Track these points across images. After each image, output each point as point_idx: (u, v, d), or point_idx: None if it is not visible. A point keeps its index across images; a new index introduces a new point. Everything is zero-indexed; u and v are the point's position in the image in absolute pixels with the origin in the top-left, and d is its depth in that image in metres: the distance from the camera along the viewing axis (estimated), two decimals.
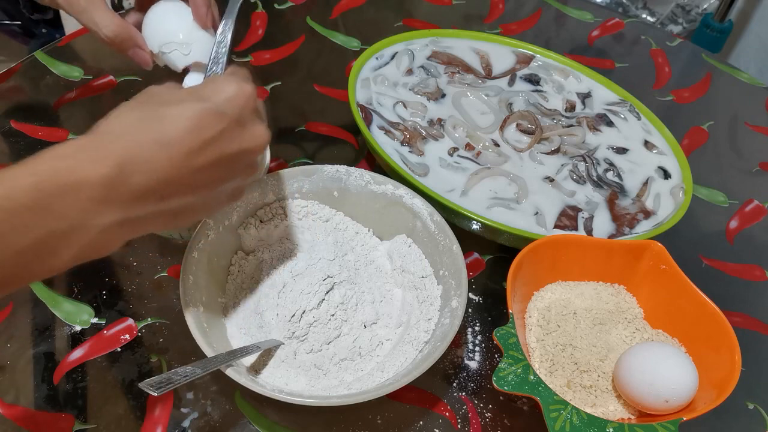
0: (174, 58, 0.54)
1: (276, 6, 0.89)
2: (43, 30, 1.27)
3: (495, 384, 0.45)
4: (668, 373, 0.47)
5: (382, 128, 0.67)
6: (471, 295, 0.60)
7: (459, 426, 0.51)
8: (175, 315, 0.55)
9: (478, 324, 0.58)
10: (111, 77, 0.75)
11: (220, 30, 0.52)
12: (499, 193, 0.63)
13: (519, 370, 0.46)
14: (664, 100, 0.84)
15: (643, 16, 1.59)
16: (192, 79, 0.54)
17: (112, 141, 0.36)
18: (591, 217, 0.62)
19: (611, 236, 0.61)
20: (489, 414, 0.52)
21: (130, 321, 0.54)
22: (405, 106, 0.70)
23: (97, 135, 0.36)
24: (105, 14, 0.50)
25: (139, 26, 0.54)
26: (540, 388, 0.46)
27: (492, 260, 0.63)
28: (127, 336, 0.53)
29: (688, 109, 0.84)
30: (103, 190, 0.34)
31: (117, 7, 0.89)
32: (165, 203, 0.38)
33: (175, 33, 0.53)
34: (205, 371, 0.43)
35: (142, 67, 0.54)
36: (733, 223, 0.71)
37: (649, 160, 0.69)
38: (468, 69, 0.76)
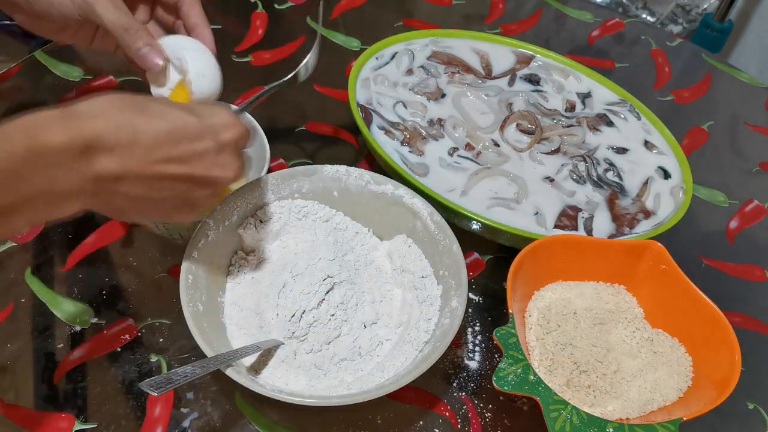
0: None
1: (276, 6, 0.89)
2: None
3: (495, 384, 0.45)
4: None
5: (382, 128, 0.67)
6: (471, 295, 0.60)
7: (459, 426, 0.51)
8: (175, 315, 0.55)
9: (478, 324, 0.58)
10: (111, 77, 0.75)
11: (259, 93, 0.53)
12: (499, 193, 0.63)
13: (519, 370, 0.46)
14: (664, 100, 0.84)
15: (643, 16, 1.58)
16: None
17: (87, 119, 0.36)
18: (591, 217, 0.62)
19: (611, 236, 0.61)
20: (489, 414, 0.52)
21: (130, 321, 0.54)
22: (405, 106, 0.70)
23: (75, 111, 0.36)
24: (110, 3, 0.46)
25: None
26: (540, 388, 0.45)
27: (492, 260, 0.63)
28: (127, 336, 0.53)
29: (688, 109, 0.84)
30: (69, 161, 0.35)
31: None
32: (121, 187, 0.38)
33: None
34: (205, 371, 0.43)
35: (151, 69, 0.49)
36: (733, 223, 0.71)
37: (649, 160, 0.69)
38: (468, 69, 0.76)
